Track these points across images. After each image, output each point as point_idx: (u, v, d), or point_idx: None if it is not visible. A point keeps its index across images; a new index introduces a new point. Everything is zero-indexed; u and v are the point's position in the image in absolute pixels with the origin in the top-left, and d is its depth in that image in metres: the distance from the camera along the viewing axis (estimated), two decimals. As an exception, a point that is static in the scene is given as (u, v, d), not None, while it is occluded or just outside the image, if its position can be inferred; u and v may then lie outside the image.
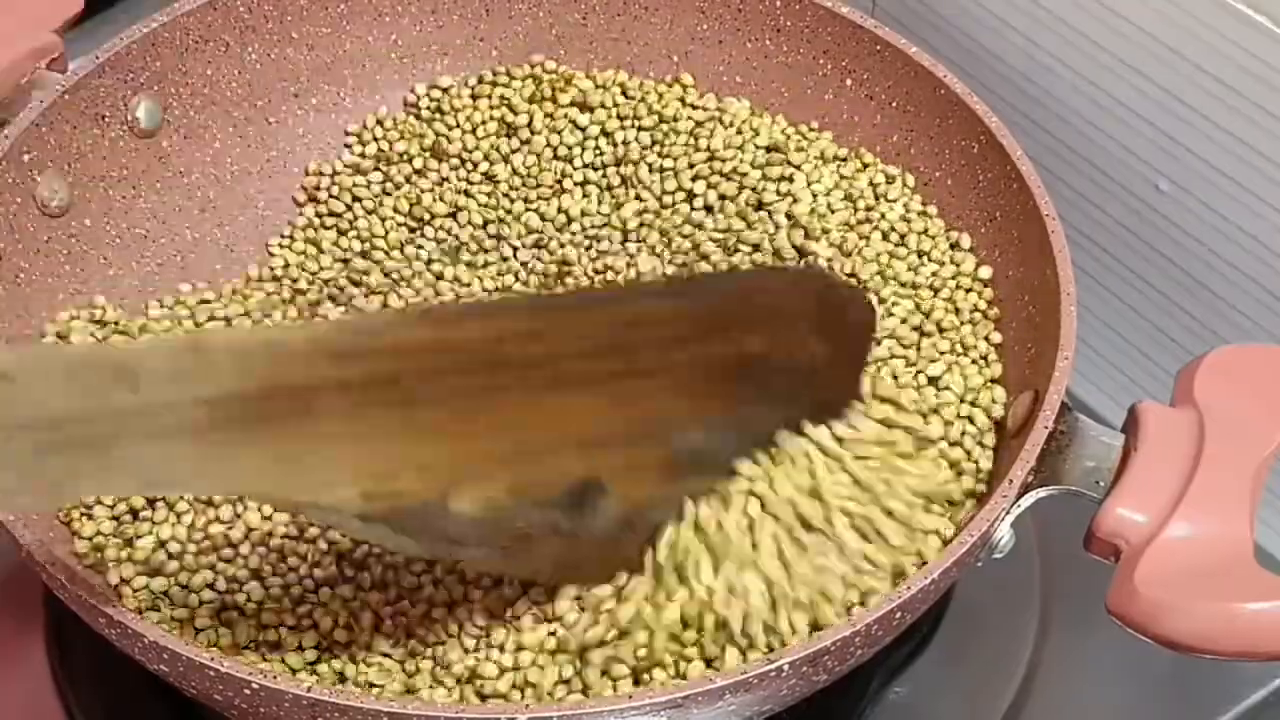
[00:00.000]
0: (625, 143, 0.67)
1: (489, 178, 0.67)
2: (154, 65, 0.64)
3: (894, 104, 0.66)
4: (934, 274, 0.62)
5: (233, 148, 0.67)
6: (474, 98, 0.68)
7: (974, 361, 0.59)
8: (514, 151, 0.67)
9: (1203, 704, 0.61)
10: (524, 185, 0.67)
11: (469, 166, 0.67)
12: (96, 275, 0.62)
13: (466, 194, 0.66)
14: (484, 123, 0.68)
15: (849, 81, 0.67)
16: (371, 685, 0.51)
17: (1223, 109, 0.65)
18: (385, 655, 0.52)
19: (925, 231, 0.63)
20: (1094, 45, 0.69)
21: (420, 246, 0.65)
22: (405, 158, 0.67)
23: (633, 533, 0.48)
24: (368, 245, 0.65)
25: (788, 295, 0.52)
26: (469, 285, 0.63)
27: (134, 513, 0.55)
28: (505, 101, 0.68)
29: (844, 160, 0.66)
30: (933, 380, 0.59)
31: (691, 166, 0.66)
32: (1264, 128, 0.64)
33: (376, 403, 0.43)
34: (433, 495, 0.44)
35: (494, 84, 0.69)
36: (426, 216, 0.66)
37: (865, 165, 0.65)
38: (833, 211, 0.63)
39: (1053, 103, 0.73)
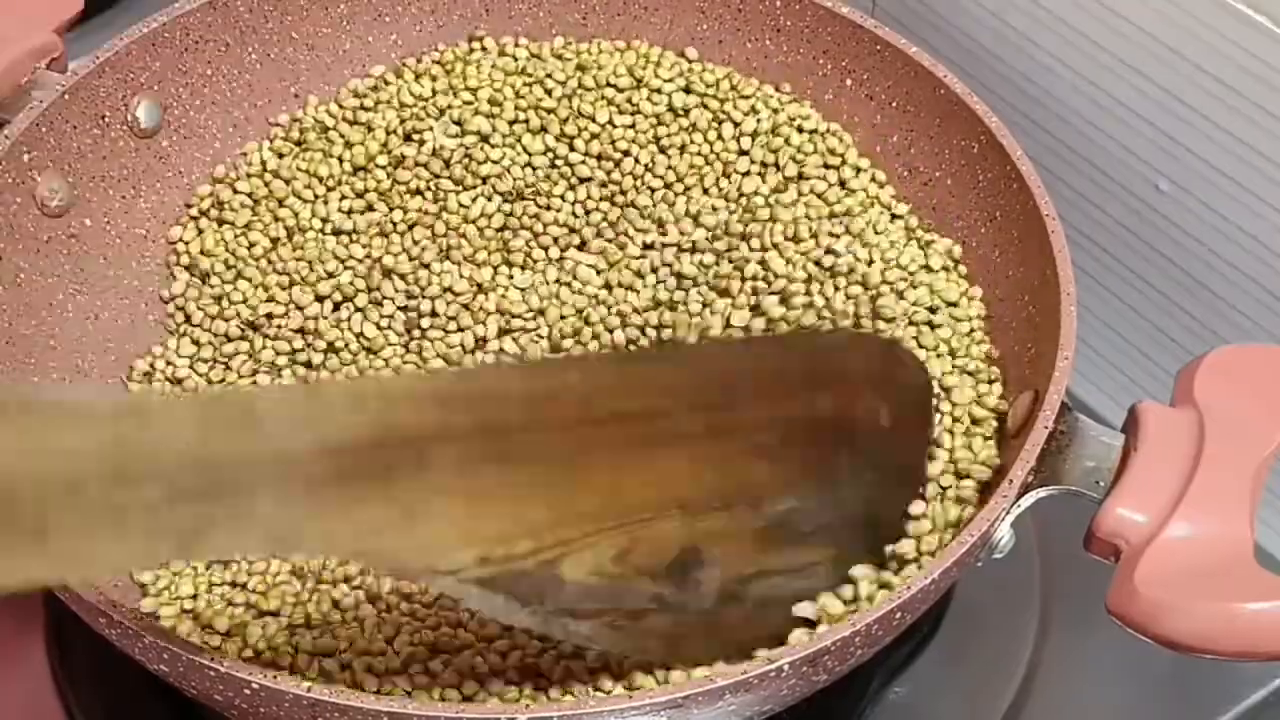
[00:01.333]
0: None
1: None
2: (154, 65, 0.64)
3: (894, 104, 0.66)
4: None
5: (233, 148, 0.67)
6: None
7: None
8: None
9: (1203, 704, 0.61)
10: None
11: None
12: (96, 275, 0.62)
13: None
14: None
15: (849, 81, 0.67)
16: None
17: (1223, 109, 0.65)
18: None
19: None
20: (1094, 45, 0.69)
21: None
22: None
23: (735, 605, 0.47)
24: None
25: (848, 357, 0.51)
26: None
27: None
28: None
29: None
30: None
31: None
32: (1264, 128, 0.64)
33: (483, 456, 0.43)
34: (545, 559, 0.44)
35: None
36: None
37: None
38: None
39: (1053, 103, 0.73)
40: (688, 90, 0.67)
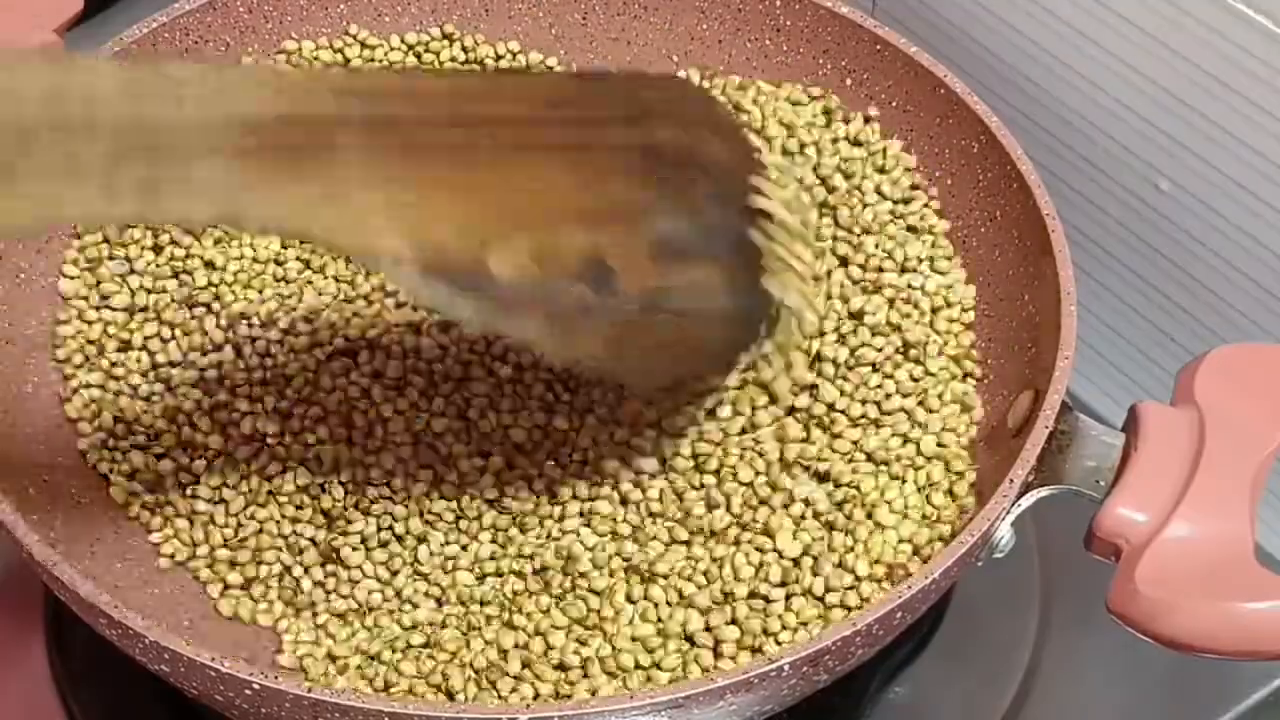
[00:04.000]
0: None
1: None
2: (154, 65, 0.64)
3: (894, 104, 0.66)
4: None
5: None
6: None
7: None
8: None
9: (1203, 704, 0.61)
10: None
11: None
12: (96, 275, 0.62)
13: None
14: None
15: (849, 81, 0.67)
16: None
17: (1223, 109, 0.65)
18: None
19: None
20: (1094, 45, 0.69)
21: None
22: None
23: (656, 313, 0.52)
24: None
25: (683, 100, 0.57)
26: None
27: None
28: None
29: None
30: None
31: None
32: (1264, 128, 0.64)
33: (384, 147, 0.48)
34: (468, 250, 0.48)
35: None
36: None
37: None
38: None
39: (1053, 103, 0.73)
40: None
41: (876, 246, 0.62)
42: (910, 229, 0.63)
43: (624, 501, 0.57)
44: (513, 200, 0.49)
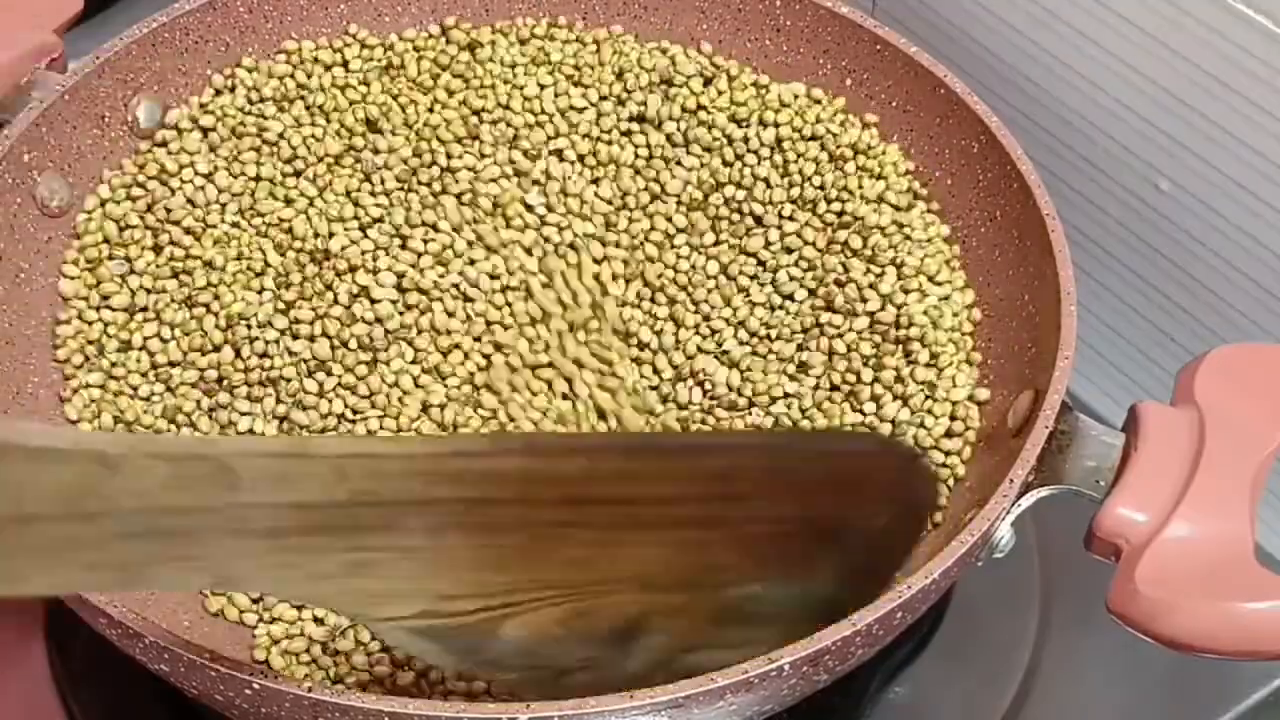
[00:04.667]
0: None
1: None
2: (154, 65, 0.64)
3: (894, 104, 0.66)
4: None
5: (233, 148, 0.67)
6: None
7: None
8: None
9: (1203, 704, 0.61)
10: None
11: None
12: (96, 275, 0.62)
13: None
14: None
15: (849, 81, 0.67)
16: None
17: (1223, 109, 0.65)
18: None
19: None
20: (1094, 45, 0.69)
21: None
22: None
23: (661, 672, 0.46)
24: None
25: (867, 465, 0.51)
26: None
27: None
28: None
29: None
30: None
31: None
32: (1264, 128, 0.64)
33: (456, 526, 0.43)
34: (488, 617, 0.44)
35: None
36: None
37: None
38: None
39: (1053, 103, 0.73)
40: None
41: (876, 249, 0.62)
42: (910, 233, 0.63)
43: None
44: (574, 573, 0.44)
